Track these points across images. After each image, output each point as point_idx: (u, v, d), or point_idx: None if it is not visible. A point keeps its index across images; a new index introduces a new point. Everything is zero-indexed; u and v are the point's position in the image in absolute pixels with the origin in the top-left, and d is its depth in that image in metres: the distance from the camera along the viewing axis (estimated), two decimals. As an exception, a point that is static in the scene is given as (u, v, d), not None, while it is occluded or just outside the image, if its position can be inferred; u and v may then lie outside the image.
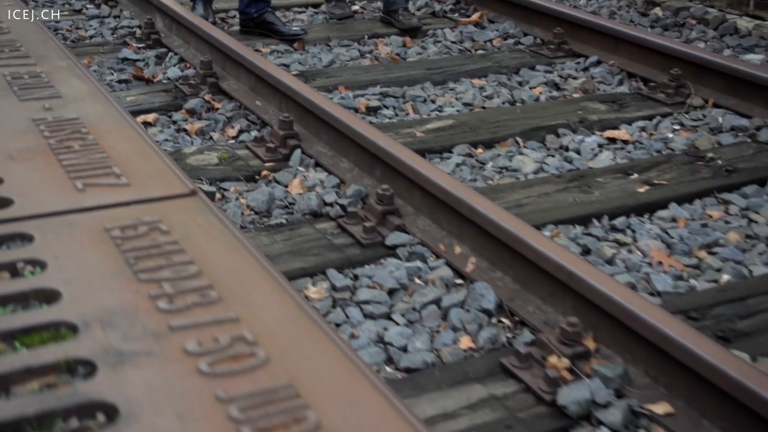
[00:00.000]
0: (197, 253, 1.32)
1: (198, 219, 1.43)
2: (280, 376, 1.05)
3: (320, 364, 1.08)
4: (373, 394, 1.03)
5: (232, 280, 1.25)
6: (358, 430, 0.97)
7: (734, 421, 1.85)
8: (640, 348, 2.04)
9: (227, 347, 1.10)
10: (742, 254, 2.77)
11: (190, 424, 0.97)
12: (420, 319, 2.35)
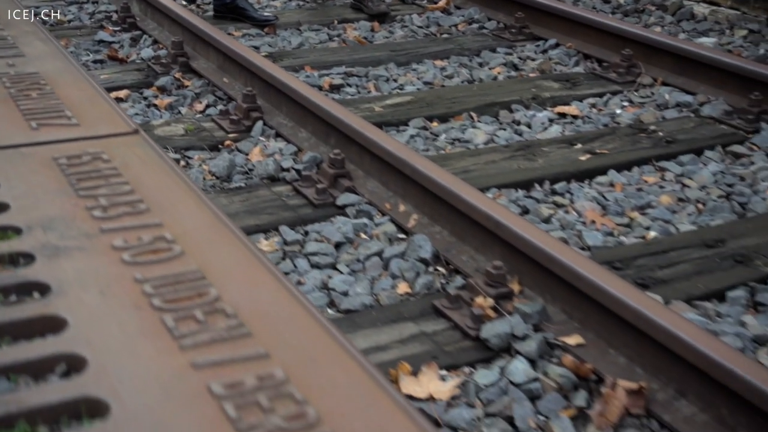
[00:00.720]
0: (132, 176, 1.50)
1: (137, 151, 1.62)
2: (190, 264, 1.23)
3: (227, 256, 1.27)
4: (269, 278, 1.22)
5: (160, 197, 1.44)
6: (253, 303, 1.16)
7: (635, 349, 2.04)
8: (558, 288, 2.23)
9: (148, 244, 1.28)
10: (672, 215, 2.96)
11: (110, 298, 1.15)
12: (363, 269, 2.54)
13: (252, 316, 1.11)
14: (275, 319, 1.11)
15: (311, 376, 1.01)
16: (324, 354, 1.05)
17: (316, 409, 0.95)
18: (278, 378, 0.99)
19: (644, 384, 1.94)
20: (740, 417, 1.79)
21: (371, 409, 0.96)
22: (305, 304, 1.15)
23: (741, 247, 2.69)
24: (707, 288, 2.48)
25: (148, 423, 0.92)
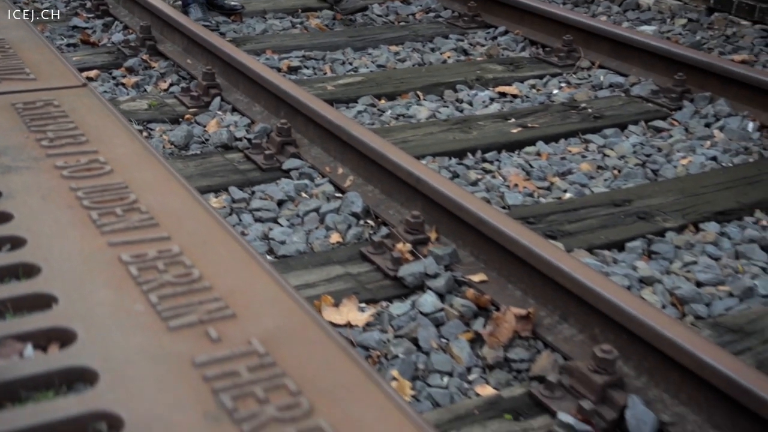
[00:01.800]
0: (78, 118, 1.79)
1: (84, 100, 1.90)
2: (116, 178, 1.52)
3: (148, 175, 1.55)
4: (181, 190, 1.51)
5: (99, 133, 1.72)
6: (163, 205, 1.44)
7: (529, 282, 2.33)
8: (468, 234, 2.52)
9: (84, 165, 1.57)
10: (589, 180, 3.26)
11: (49, 201, 1.44)
12: (301, 223, 2.83)
13: (161, 213, 1.40)
14: (179, 214, 1.41)
15: (201, 252, 1.30)
16: (214, 237, 1.35)
17: (200, 270, 1.24)
18: (174, 251, 1.28)
19: (532, 310, 2.23)
20: (609, 334, 2.09)
21: (244, 272, 1.25)
22: (206, 205, 1.44)
23: (645, 206, 2.99)
24: (608, 239, 2.78)
25: (71, 279, 1.21)
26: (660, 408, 1.94)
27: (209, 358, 1.03)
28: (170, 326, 1.09)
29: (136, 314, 1.12)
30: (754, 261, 2.72)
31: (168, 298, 1.16)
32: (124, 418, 0.93)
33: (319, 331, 1.09)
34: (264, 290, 1.20)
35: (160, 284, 1.19)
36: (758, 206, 3.06)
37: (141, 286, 1.18)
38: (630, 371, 2.03)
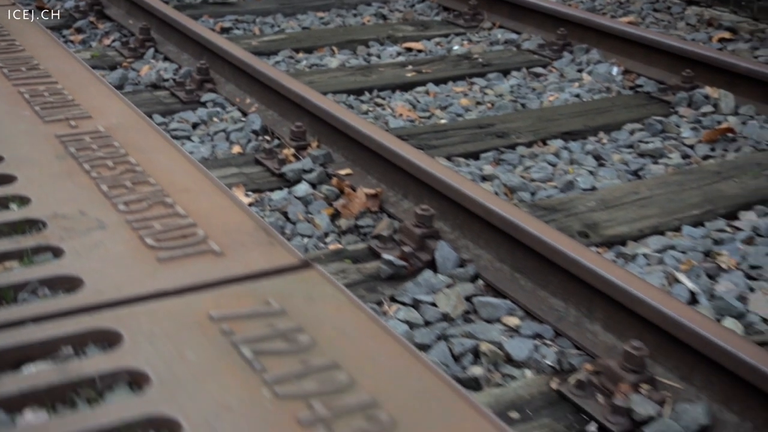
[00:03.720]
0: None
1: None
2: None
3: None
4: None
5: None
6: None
7: (382, 173, 2.89)
8: (341, 140, 3.08)
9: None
10: (465, 111, 3.83)
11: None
12: (210, 140, 3.38)
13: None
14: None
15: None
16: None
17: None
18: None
19: (380, 190, 2.80)
20: (433, 201, 2.66)
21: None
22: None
23: (505, 128, 3.56)
24: (466, 150, 3.35)
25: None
26: (464, 251, 2.51)
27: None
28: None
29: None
30: (585, 166, 3.29)
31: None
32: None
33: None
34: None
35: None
36: (602, 129, 3.63)
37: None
38: (445, 227, 2.59)
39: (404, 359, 0.96)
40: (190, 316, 1.04)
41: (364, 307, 1.08)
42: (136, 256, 1.18)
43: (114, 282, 1.11)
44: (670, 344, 1.96)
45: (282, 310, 1.07)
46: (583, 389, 1.96)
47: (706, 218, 2.89)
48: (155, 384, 0.91)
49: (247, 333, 1.01)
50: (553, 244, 2.26)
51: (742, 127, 3.64)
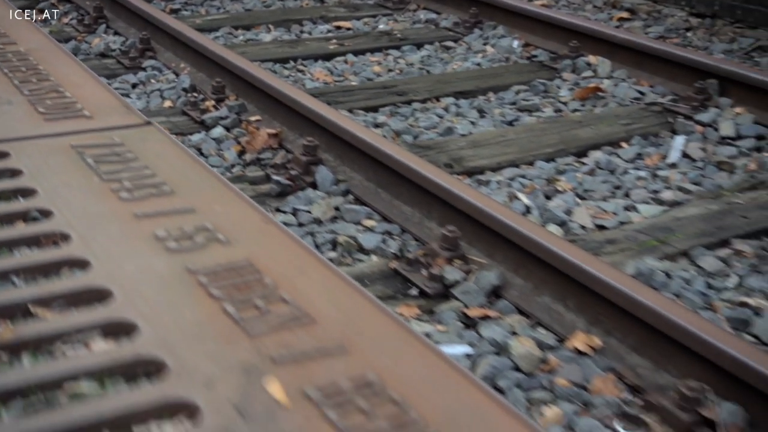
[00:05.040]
0: None
1: None
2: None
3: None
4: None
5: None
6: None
7: (286, 120, 3.44)
8: (255, 94, 3.63)
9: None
10: (376, 76, 4.37)
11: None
12: (147, 97, 3.92)
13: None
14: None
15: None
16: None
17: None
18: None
19: (280, 130, 3.34)
20: (316, 134, 3.20)
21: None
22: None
23: (405, 89, 4.11)
24: (367, 105, 3.89)
25: None
26: (341, 174, 3.06)
27: None
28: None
29: None
30: (468, 117, 3.84)
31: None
32: None
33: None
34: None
35: None
36: (492, 89, 4.18)
37: None
38: (327, 156, 3.14)
39: (214, 180, 1.50)
40: (60, 147, 1.58)
41: (185, 148, 1.62)
42: (30, 120, 1.72)
43: (7, 127, 1.65)
44: (478, 229, 2.51)
45: (122, 143, 1.61)
46: (412, 266, 2.51)
47: (558, 155, 3.44)
48: (26, 175, 1.45)
49: (93, 152, 1.55)
50: (408, 164, 2.81)
51: (614, 88, 4.20)
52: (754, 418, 1.87)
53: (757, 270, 2.67)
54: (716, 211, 2.99)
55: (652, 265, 2.57)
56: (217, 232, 1.27)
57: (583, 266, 2.21)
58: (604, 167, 3.35)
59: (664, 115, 3.83)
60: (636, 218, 2.97)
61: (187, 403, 0.92)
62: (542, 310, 2.31)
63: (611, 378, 2.06)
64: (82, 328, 1.04)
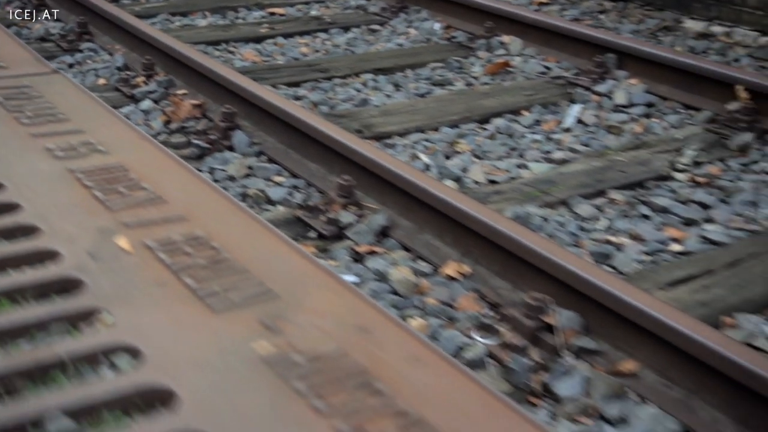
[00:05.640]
0: None
1: None
2: None
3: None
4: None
5: None
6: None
7: (209, 93, 3.71)
8: (184, 73, 3.90)
9: None
10: (303, 56, 4.65)
11: None
12: (83, 76, 4.18)
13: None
14: None
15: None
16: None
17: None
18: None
19: (203, 101, 3.62)
20: (240, 106, 3.48)
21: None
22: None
23: (328, 66, 4.39)
24: (290, 81, 4.18)
25: None
26: (256, 137, 3.34)
27: None
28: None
29: None
30: (384, 91, 4.13)
31: None
32: None
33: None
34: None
35: None
36: (410, 67, 4.48)
37: None
38: (247, 124, 3.42)
39: (105, 111, 1.77)
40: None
41: (86, 90, 1.89)
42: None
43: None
44: (372, 179, 2.80)
45: (30, 86, 1.88)
46: (312, 212, 2.79)
47: (462, 123, 3.74)
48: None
49: (3, 92, 1.83)
50: (315, 126, 3.10)
51: (524, 64, 4.51)
52: (587, 322, 2.17)
53: (626, 215, 2.98)
54: (598, 167, 3.30)
55: (531, 211, 2.88)
56: (99, 146, 1.55)
57: (458, 205, 2.51)
58: (504, 132, 3.66)
59: (566, 87, 4.15)
60: (526, 174, 3.28)
61: (51, 251, 1.20)
62: (423, 245, 2.61)
63: (474, 296, 2.37)
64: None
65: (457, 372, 0.93)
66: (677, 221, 2.95)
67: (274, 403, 0.88)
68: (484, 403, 0.88)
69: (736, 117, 3.64)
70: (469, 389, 0.90)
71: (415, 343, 0.99)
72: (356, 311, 1.04)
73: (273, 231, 1.25)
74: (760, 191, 3.17)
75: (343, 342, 0.98)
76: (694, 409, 1.95)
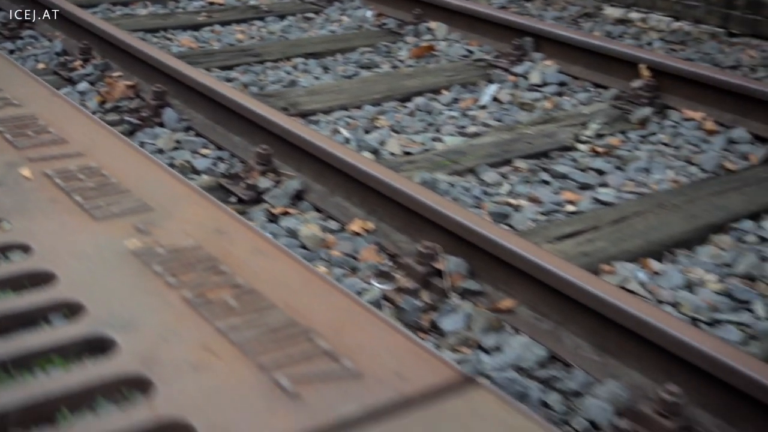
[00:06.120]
0: None
1: None
2: None
3: None
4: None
5: None
6: None
7: (143, 75, 3.90)
8: (119, 56, 4.08)
9: None
10: (237, 42, 4.86)
11: None
12: (23, 61, 4.35)
13: None
14: None
15: None
16: None
17: None
18: None
19: (136, 82, 3.81)
20: (170, 86, 3.68)
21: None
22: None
23: (261, 51, 4.59)
24: (223, 65, 4.37)
25: None
26: (186, 114, 3.55)
27: None
28: None
29: None
30: (313, 74, 4.35)
31: None
32: None
33: None
34: None
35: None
36: (340, 51, 4.70)
37: None
38: (177, 102, 3.62)
39: (26, 77, 1.97)
40: None
41: (16, 63, 2.09)
42: None
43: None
44: (289, 149, 3.03)
45: None
46: (233, 179, 3.01)
47: (384, 101, 3.97)
48: None
49: None
50: (239, 102, 3.31)
51: (448, 48, 4.76)
52: (473, 267, 2.42)
53: (528, 181, 3.23)
54: (507, 140, 3.55)
55: (439, 177, 3.12)
56: (13, 100, 1.76)
57: (365, 169, 2.74)
58: (423, 109, 3.90)
59: (486, 69, 4.40)
60: (440, 147, 3.52)
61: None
62: (333, 206, 2.84)
63: (375, 249, 2.60)
64: None
65: (290, 259, 1.15)
66: (574, 186, 3.20)
67: (136, 281, 1.09)
68: (305, 279, 1.10)
69: (638, 93, 3.91)
70: (295, 270, 1.12)
71: (261, 240, 1.21)
72: (216, 218, 1.26)
73: (158, 163, 1.46)
74: (653, 159, 3.43)
75: (200, 239, 1.20)
76: (561, 337, 2.20)
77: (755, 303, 2.47)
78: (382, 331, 1.05)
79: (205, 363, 0.97)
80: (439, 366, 1.00)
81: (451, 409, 0.91)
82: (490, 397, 0.95)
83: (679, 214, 2.94)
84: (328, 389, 0.91)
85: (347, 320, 1.05)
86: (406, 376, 0.95)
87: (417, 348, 1.03)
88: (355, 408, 0.88)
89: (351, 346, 1.01)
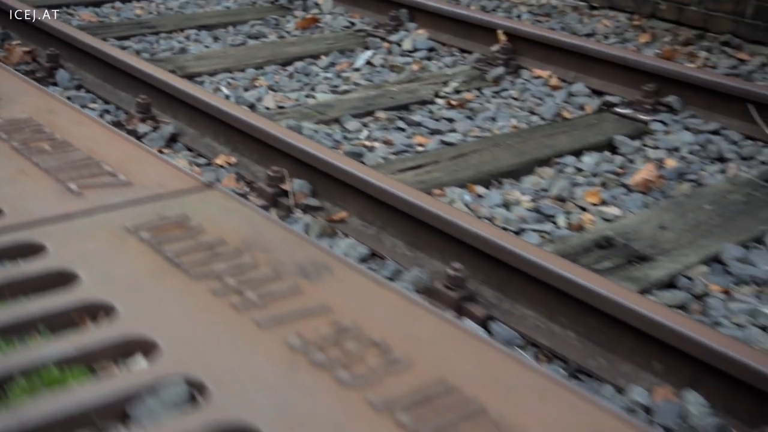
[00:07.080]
0: None
1: None
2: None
3: None
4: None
5: None
6: None
7: (41, 40, 4.22)
8: (17, 26, 4.39)
9: None
10: (136, 17, 5.19)
11: None
12: None
13: None
14: None
15: None
16: None
17: None
18: None
19: (35, 48, 4.14)
20: (62, 50, 4.01)
21: None
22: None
23: (156, 24, 4.93)
24: (120, 35, 4.71)
25: None
26: (78, 75, 3.88)
27: None
28: None
29: None
30: (204, 43, 4.70)
31: None
32: None
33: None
34: None
35: None
36: (231, 24, 5.06)
37: None
38: (70, 65, 3.95)
39: None
40: None
41: None
42: None
43: None
44: (167, 99, 3.39)
45: None
46: (116, 126, 3.36)
47: (266, 65, 4.35)
48: None
49: None
50: (124, 60, 3.66)
51: (332, 20, 5.15)
52: (315, 188, 2.82)
53: (385, 128, 3.64)
54: (373, 95, 3.96)
55: (305, 125, 3.50)
56: None
57: (229, 111, 3.12)
58: (301, 72, 4.29)
59: (364, 38, 4.80)
60: (311, 102, 3.91)
61: None
62: (203, 146, 3.22)
63: (235, 177, 2.98)
64: None
65: (98, 125, 1.54)
66: (426, 132, 3.62)
67: None
68: (107, 136, 1.48)
69: (496, 56, 4.35)
70: (100, 130, 1.50)
71: (83, 116, 1.59)
72: (49, 103, 1.63)
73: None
74: (500, 110, 3.87)
75: (32, 114, 1.57)
76: (381, 239, 2.61)
77: (558, 217, 2.91)
78: (154, 161, 1.43)
79: (20, 181, 1.34)
80: (188, 178, 1.40)
81: (192, 201, 1.30)
82: (222, 194, 1.35)
83: (511, 151, 3.37)
84: (103, 190, 1.28)
85: (133, 157, 1.43)
86: (164, 184, 1.34)
87: (176, 170, 1.42)
88: (120, 200, 1.26)
89: (129, 170, 1.39)
